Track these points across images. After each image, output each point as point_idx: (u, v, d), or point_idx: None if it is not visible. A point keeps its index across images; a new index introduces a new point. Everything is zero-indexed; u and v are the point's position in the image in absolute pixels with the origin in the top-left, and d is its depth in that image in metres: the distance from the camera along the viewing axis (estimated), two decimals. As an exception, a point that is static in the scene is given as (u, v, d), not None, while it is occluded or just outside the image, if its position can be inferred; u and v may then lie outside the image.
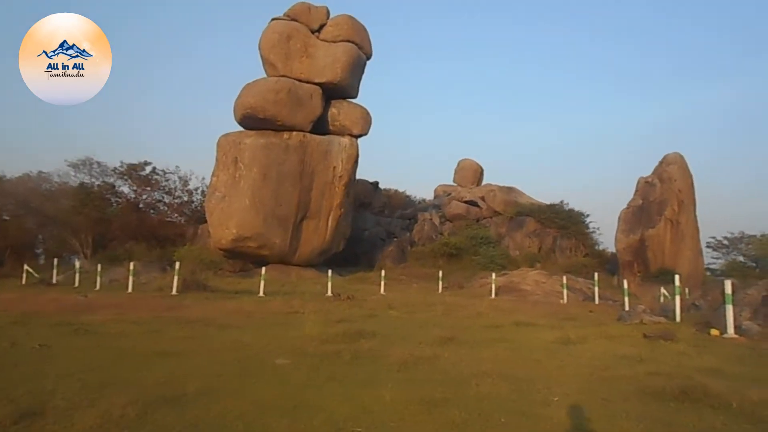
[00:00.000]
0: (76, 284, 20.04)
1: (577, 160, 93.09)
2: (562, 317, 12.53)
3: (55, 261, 22.56)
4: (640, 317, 11.19)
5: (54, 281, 21.15)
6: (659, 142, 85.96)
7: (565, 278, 19.11)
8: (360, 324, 9.69)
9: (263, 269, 18.70)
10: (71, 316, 10.14)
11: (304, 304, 13.36)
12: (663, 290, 19.01)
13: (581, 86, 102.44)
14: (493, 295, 19.40)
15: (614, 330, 10.02)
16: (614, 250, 32.67)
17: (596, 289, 18.32)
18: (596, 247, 34.96)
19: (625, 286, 15.86)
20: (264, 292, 17.10)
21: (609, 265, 31.74)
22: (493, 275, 20.88)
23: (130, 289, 17.37)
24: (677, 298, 11.84)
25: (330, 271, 19.97)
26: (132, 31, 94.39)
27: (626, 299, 15.21)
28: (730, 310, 9.52)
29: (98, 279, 19.25)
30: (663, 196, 28.07)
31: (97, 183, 30.30)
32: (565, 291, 18.65)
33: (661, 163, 29.28)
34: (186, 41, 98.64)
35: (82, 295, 15.63)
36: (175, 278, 16.66)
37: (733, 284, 9.92)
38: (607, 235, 36.44)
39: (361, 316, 11.49)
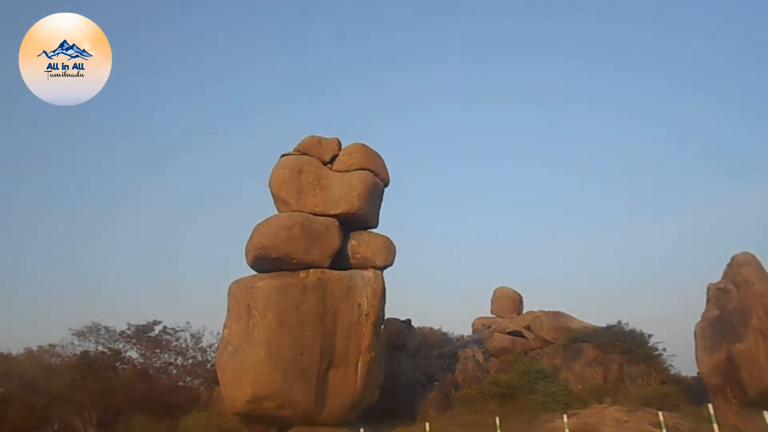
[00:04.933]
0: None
1: (621, 275, 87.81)
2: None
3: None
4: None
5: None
6: (704, 245, 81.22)
7: (661, 415, 14.95)
8: None
9: (279, 436, 15.06)
10: None
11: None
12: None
13: (606, 198, 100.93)
14: (569, 445, 15.38)
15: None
16: (691, 374, 27.92)
17: (715, 426, 14.02)
18: (670, 372, 30.04)
19: None
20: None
21: (690, 392, 26.82)
22: (565, 417, 16.83)
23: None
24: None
25: (362, 430, 16.13)
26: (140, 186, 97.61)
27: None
28: None
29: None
30: (743, 303, 23.99)
31: (101, 350, 27.53)
32: None
33: (730, 265, 25.57)
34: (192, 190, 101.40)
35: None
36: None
37: None
38: (681, 355, 31.42)
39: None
